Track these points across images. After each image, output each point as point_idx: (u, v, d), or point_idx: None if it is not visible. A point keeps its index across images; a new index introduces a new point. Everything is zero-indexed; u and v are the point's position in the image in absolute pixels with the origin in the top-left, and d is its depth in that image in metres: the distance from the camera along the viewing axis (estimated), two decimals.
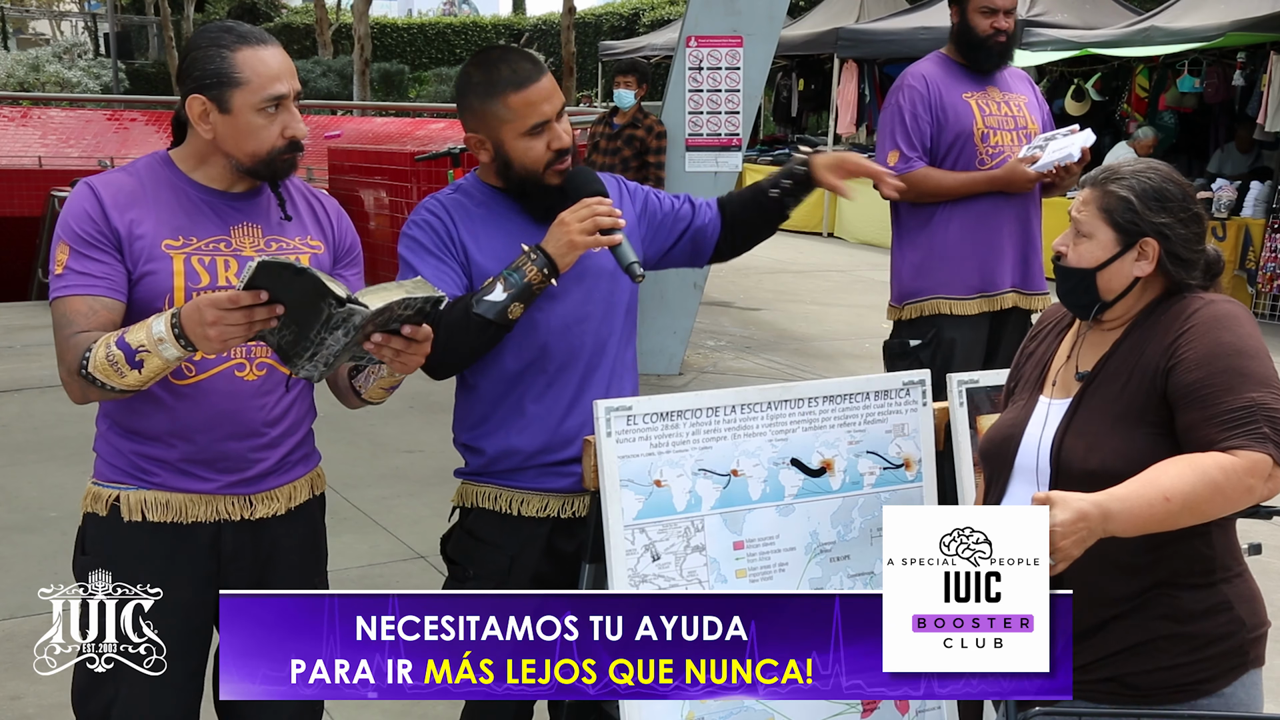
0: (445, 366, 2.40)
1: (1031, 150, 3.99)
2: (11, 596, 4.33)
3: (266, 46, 2.24)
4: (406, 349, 2.07)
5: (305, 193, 2.44)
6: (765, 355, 8.58)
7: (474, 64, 2.46)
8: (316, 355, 1.99)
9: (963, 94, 4.08)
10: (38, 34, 39.82)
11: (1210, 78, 12.45)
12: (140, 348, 2.09)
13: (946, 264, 4.07)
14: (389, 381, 2.33)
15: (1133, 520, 1.91)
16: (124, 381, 2.13)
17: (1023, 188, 4.02)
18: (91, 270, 2.19)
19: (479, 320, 2.32)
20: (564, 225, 2.35)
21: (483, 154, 2.45)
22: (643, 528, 2.38)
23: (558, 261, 2.35)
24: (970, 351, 4.04)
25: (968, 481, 2.66)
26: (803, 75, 18.12)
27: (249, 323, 1.98)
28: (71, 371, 2.17)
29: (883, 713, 2.58)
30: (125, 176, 2.28)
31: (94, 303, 2.19)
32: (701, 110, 7.65)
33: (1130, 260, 2.16)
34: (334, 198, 2.52)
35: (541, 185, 2.43)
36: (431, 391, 7.55)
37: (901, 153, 4.05)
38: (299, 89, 2.28)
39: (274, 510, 2.36)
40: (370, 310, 1.95)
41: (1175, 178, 2.18)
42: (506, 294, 2.33)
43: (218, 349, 2.05)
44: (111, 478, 2.31)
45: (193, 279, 2.23)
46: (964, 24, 4.10)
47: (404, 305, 2.01)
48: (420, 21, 34.97)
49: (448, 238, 2.43)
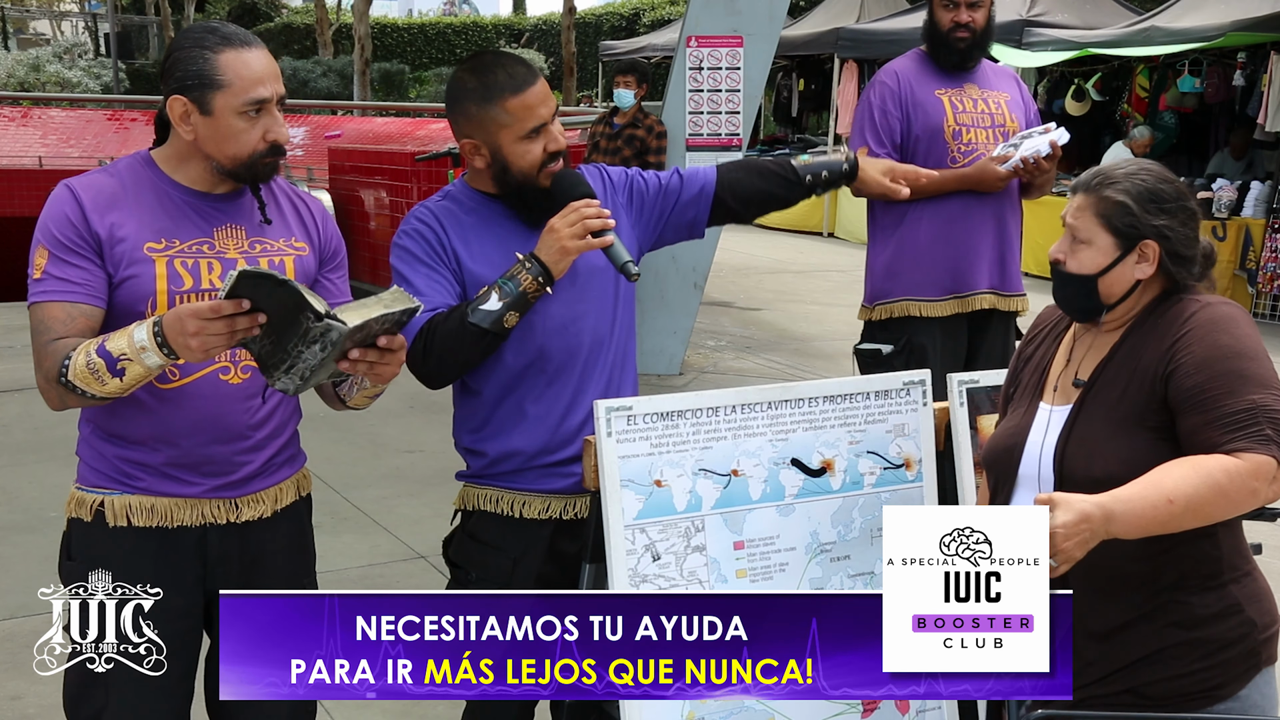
0: (439, 376, 2.41)
1: (1005, 149, 3.92)
2: (11, 596, 4.33)
3: (251, 49, 2.21)
4: (381, 359, 2.08)
5: (289, 194, 2.42)
6: (765, 355, 8.58)
7: (467, 70, 2.44)
8: (293, 369, 1.98)
9: (935, 90, 4.02)
10: (38, 34, 39.82)
11: (1211, 78, 12.45)
12: (122, 355, 2.08)
13: (917, 264, 4.01)
14: (372, 390, 2.33)
15: (1135, 521, 1.91)
16: (104, 389, 2.12)
17: (992, 186, 3.95)
18: (70, 276, 2.17)
19: (475, 330, 2.32)
20: (554, 232, 2.35)
21: (478, 160, 2.44)
22: (643, 528, 2.37)
23: (551, 268, 2.34)
24: (945, 354, 3.96)
25: (968, 481, 2.66)
26: (803, 75, 18.13)
27: (231, 332, 1.98)
28: (49, 379, 2.15)
29: (883, 713, 2.58)
30: (106, 178, 2.25)
31: (72, 309, 2.17)
32: (702, 110, 7.65)
33: (1131, 264, 2.16)
34: (319, 199, 2.49)
35: (536, 189, 2.42)
36: (431, 391, 7.55)
37: (870, 149, 3.99)
38: (283, 93, 2.25)
39: (260, 513, 2.35)
40: (348, 327, 1.94)
41: (1167, 176, 2.18)
42: (502, 303, 2.32)
43: (200, 358, 2.04)
44: (95, 483, 2.29)
45: (175, 282, 2.21)
46: (929, 18, 4.08)
47: (382, 320, 2.02)
48: (421, 21, 34.97)
49: (439, 245, 2.42)
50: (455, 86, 2.45)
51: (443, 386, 2.46)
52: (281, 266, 2.31)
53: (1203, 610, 2.11)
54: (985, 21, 4.03)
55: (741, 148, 7.74)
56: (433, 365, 2.34)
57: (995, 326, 4.10)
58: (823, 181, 2.69)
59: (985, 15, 4.02)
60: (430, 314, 2.35)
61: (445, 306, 2.37)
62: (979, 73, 4.11)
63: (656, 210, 2.60)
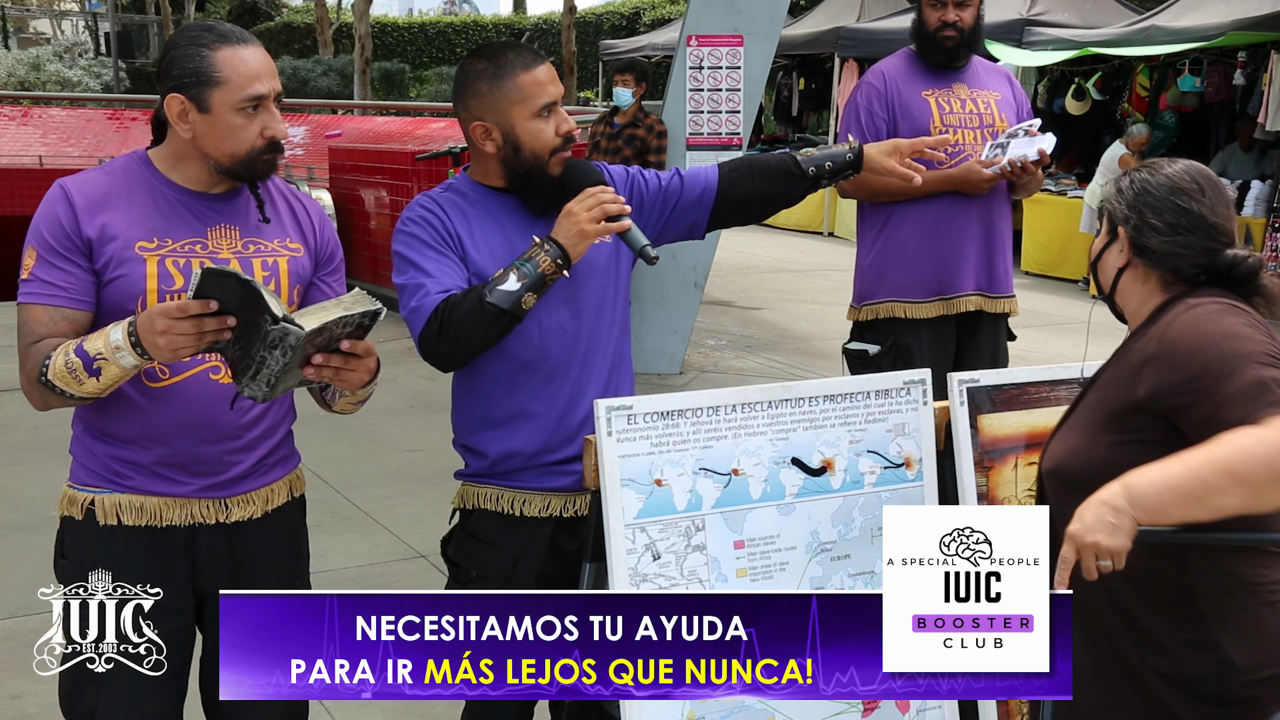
0: (453, 358, 2.39)
1: (993, 152, 3.89)
2: (11, 596, 4.33)
3: (247, 46, 2.21)
4: (346, 365, 2.08)
5: (286, 194, 2.41)
6: (766, 354, 8.58)
7: (476, 56, 2.45)
8: (259, 374, 1.97)
9: (922, 91, 3.99)
10: (38, 33, 39.83)
11: (1211, 77, 12.45)
12: (98, 356, 2.09)
13: (902, 265, 3.99)
14: (355, 397, 2.33)
15: (1156, 488, 1.83)
16: (83, 389, 2.13)
17: (977, 189, 3.92)
18: (55, 280, 2.17)
19: (493, 310, 2.31)
20: (572, 215, 2.35)
21: (488, 144, 2.43)
22: (643, 527, 2.37)
23: (569, 251, 2.35)
24: (932, 355, 3.92)
25: (968, 481, 2.66)
26: (803, 74, 18.12)
27: (199, 333, 1.98)
28: (31, 379, 2.17)
29: (883, 712, 2.58)
30: (101, 176, 2.25)
31: (55, 313, 2.17)
32: (702, 109, 7.64)
33: (1115, 251, 2.17)
34: (317, 201, 2.48)
35: (545, 174, 2.42)
36: (432, 391, 7.56)
37: None
38: (280, 89, 2.25)
39: (250, 513, 2.34)
40: (305, 331, 1.94)
41: (1184, 177, 2.12)
42: (520, 284, 2.32)
43: (169, 358, 2.05)
44: (86, 481, 2.29)
45: (166, 281, 2.20)
46: (917, 17, 4.05)
47: (342, 323, 2.01)
48: (421, 21, 34.95)
49: (445, 231, 2.42)
50: (465, 71, 2.45)
51: (455, 369, 2.44)
52: (275, 268, 2.30)
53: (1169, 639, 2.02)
54: (974, 20, 3.99)
55: (742, 147, 7.74)
56: (447, 345, 2.33)
57: (984, 328, 4.08)
58: (828, 173, 2.65)
59: (973, 14, 3.99)
60: (443, 295, 2.34)
61: (457, 288, 2.36)
62: (968, 71, 4.08)
63: (656, 211, 2.60)
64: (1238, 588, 2.02)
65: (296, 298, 2.35)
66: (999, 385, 2.73)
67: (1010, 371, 2.83)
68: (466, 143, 2.51)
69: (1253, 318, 2.04)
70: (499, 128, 2.41)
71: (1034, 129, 3.89)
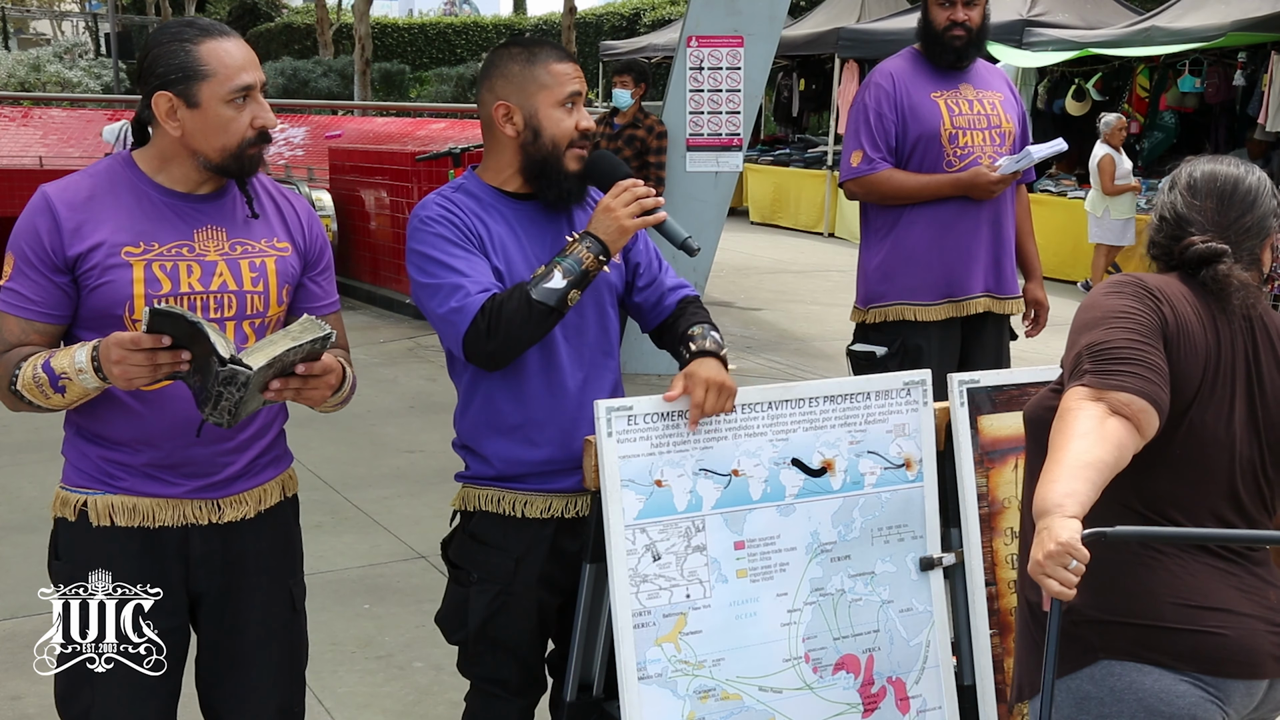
0: (502, 355, 2.36)
1: (1012, 166, 3.91)
2: (11, 596, 4.33)
3: (229, 38, 2.21)
4: (306, 385, 2.11)
5: (274, 192, 2.40)
6: (766, 355, 8.57)
7: (512, 42, 2.49)
8: (219, 405, 1.99)
9: (931, 93, 3.98)
10: (38, 34, 39.83)
11: (1211, 78, 12.44)
12: (63, 374, 2.11)
13: (911, 268, 3.99)
14: (330, 403, 2.31)
15: (1043, 485, 1.89)
16: (49, 402, 2.16)
17: (984, 194, 3.93)
18: (29, 293, 2.18)
19: (542, 308, 2.31)
20: (610, 211, 2.36)
21: (509, 127, 2.43)
22: (643, 527, 2.37)
23: (610, 246, 2.36)
24: (940, 356, 3.93)
25: (968, 482, 2.67)
26: (803, 75, 18.12)
27: (153, 365, 2.00)
28: (2, 386, 2.19)
29: (883, 712, 2.58)
30: (85, 180, 2.24)
31: (26, 325, 2.19)
32: (702, 110, 7.65)
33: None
34: (304, 199, 2.46)
35: (560, 166, 2.43)
36: (432, 392, 7.55)
37: (865, 154, 3.96)
38: (264, 80, 2.25)
39: (243, 514, 2.34)
40: (253, 371, 1.96)
41: (1190, 176, 2.23)
42: (566, 280, 2.32)
43: (125, 386, 2.07)
44: (79, 483, 2.29)
45: (153, 286, 2.19)
46: (924, 17, 4.03)
47: (293, 353, 2.04)
48: (421, 21, 34.94)
49: (466, 229, 2.41)
50: (498, 54, 2.48)
51: (503, 366, 2.40)
52: (263, 268, 2.29)
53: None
54: (981, 20, 3.98)
55: (742, 147, 7.74)
56: (496, 344, 2.32)
57: (990, 328, 4.09)
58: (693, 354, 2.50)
59: (981, 14, 3.98)
60: (484, 294, 2.33)
61: (495, 287, 2.36)
62: (973, 72, 4.07)
63: (632, 272, 2.60)
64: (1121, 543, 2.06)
65: (285, 298, 2.33)
66: (999, 386, 2.73)
67: (1010, 372, 2.83)
68: (483, 131, 2.50)
69: (1159, 300, 2.10)
70: (522, 110, 2.42)
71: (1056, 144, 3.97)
